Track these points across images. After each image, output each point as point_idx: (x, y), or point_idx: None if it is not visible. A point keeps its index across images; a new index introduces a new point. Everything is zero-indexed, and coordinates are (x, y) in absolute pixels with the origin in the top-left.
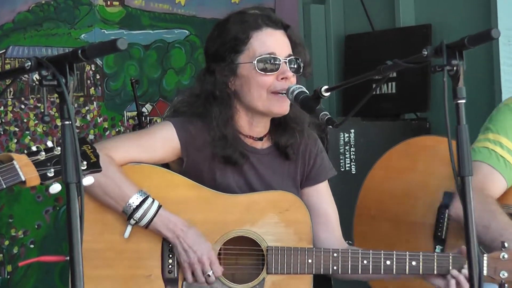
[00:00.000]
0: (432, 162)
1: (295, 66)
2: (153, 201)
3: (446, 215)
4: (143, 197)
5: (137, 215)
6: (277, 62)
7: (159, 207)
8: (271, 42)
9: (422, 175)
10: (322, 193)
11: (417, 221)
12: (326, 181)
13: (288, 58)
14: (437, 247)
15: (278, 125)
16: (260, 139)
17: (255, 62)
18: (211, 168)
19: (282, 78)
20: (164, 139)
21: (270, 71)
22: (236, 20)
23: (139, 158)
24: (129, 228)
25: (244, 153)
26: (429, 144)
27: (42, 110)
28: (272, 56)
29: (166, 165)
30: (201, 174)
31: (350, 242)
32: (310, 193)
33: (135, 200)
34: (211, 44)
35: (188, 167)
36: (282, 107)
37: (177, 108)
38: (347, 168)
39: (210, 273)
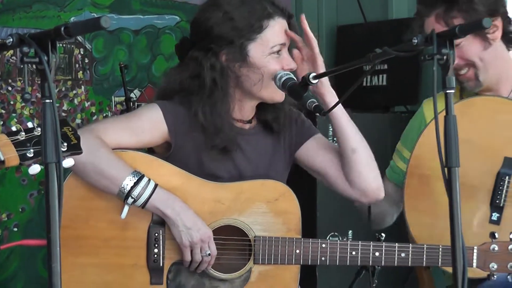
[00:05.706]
0: (493, 124)
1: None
2: (149, 180)
3: (506, 182)
4: (138, 176)
5: (135, 193)
6: (286, 52)
7: (156, 185)
8: (283, 32)
9: (483, 137)
10: (313, 149)
11: (475, 185)
12: (315, 136)
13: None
14: (493, 214)
15: (262, 104)
16: (249, 121)
17: (267, 52)
18: (199, 152)
19: (287, 68)
20: (151, 122)
21: (279, 62)
22: (244, 3)
23: (129, 141)
24: (126, 208)
25: (235, 139)
26: (490, 106)
27: (26, 89)
28: (282, 46)
29: (150, 150)
30: (188, 158)
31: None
32: (303, 154)
33: (131, 178)
34: (217, 26)
35: (176, 151)
36: (283, 95)
37: (166, 89)
38: None
39: (209, 252)
